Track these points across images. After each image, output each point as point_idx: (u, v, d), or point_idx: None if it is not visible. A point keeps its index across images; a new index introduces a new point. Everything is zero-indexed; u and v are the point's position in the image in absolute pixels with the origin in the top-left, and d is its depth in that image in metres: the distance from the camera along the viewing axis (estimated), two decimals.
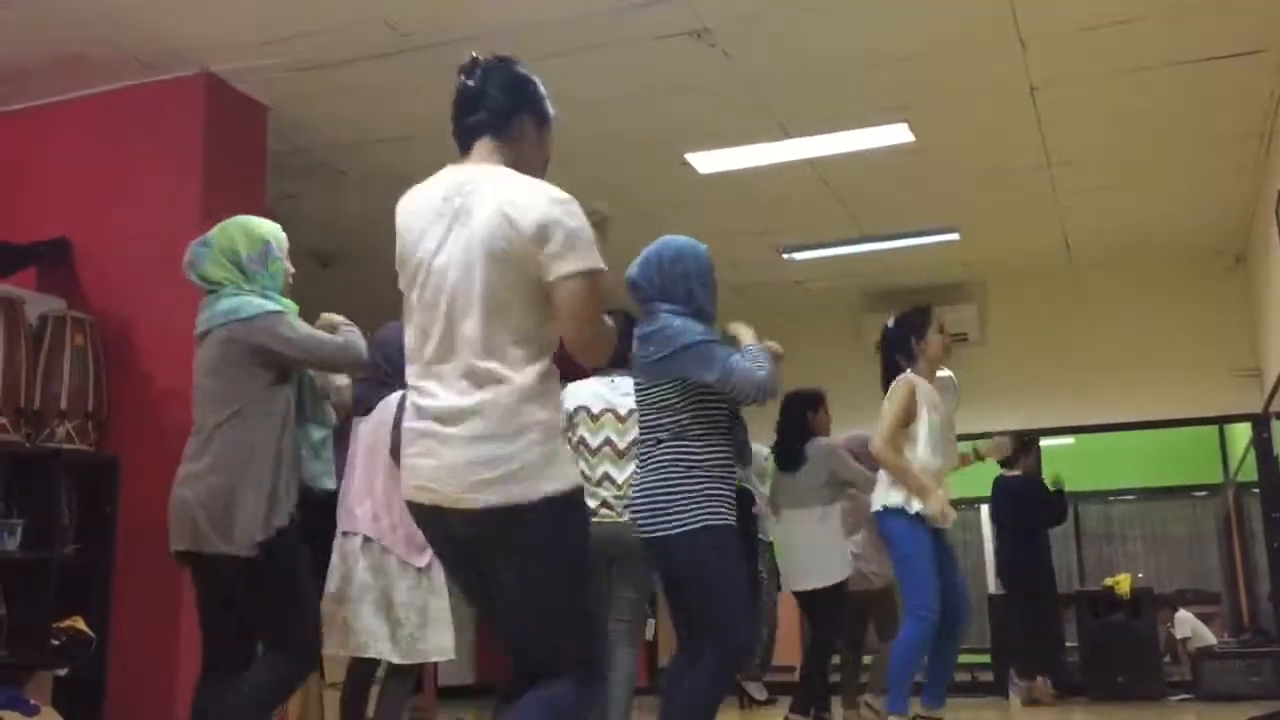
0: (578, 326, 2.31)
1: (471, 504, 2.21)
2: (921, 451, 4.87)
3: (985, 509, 8.92)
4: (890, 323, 5.21)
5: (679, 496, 3.40)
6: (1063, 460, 10.20)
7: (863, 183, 7.14)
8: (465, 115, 2.52)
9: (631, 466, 3.94)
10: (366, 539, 3.94)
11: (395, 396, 3.99)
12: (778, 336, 4.36)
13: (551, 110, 2.59)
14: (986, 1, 5.06)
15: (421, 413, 2.31)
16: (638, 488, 3.52)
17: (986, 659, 8.97)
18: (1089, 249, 8.50)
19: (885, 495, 4.92)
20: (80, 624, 4.79)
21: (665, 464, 3.45)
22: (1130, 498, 12.11)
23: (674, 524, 3.38)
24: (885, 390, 5.10)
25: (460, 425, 2.24)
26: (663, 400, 3.51)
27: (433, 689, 6.97)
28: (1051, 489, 8.26)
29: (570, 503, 2.27)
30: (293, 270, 3.61)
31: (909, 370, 5.02)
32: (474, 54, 2.56)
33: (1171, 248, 8.51)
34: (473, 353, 2.27)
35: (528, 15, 5.04)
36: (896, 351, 5.10)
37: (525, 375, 2.26)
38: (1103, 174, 7.10)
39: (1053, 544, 8.85)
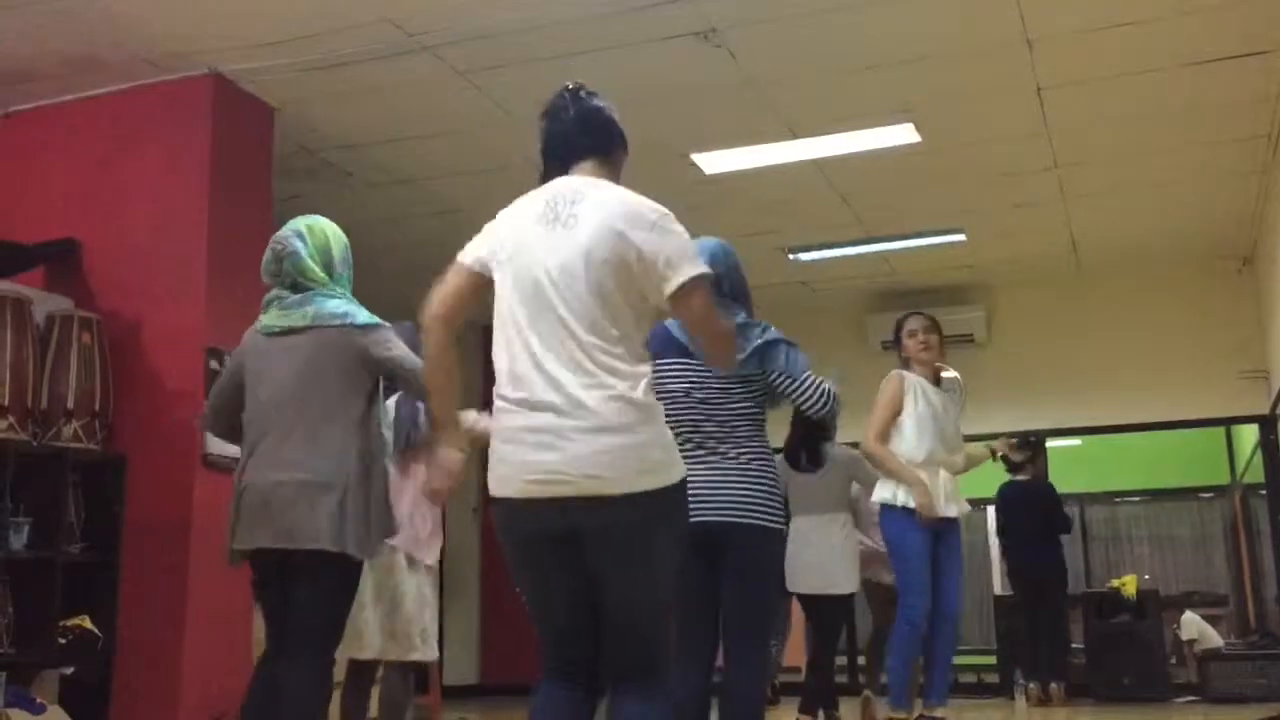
0: (710, 328, 2.52)
1: (614, 489, 2.29)
2: (908, 443, 4.96)
3: (991, 510, 8.89)
4: None
5: (771, 492, 3.37)
6: (1069, 462, 10.20)
7: (868, 183, 7.13)
8: (580, 135, 2.63)
9: None
10: None
11: (393, 399, 4.00)
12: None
13: None
14: (993, 2, 5.06)
15: (532, 406, 2.35)
16: (737, 472, 3.37)
17: (992, 660, 8.96)
18: (1096, 250, 8.49)
19: (878, 491, 5.04)
20: (86, 622, 4.81)
21: (757, 455, 3.38)
22: (1137, 499, 12.08)
23: (765, 518, 3.33)
24: None
25: (586, 419, 2.31)
26: (753, 391, 3.42)
27: (438, 689, 6.98)
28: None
29: (684, 490, 2.43)
30: None
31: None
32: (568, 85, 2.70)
33: (1179, 249, 8.49)
34: (586, 352, 2.35)
35: (534, 16, 5.05)
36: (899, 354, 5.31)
37: (638, 370, 2.38)
38: (1110, 175, 7.09)
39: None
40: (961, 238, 8.10)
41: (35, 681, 4.65)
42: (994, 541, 11.05)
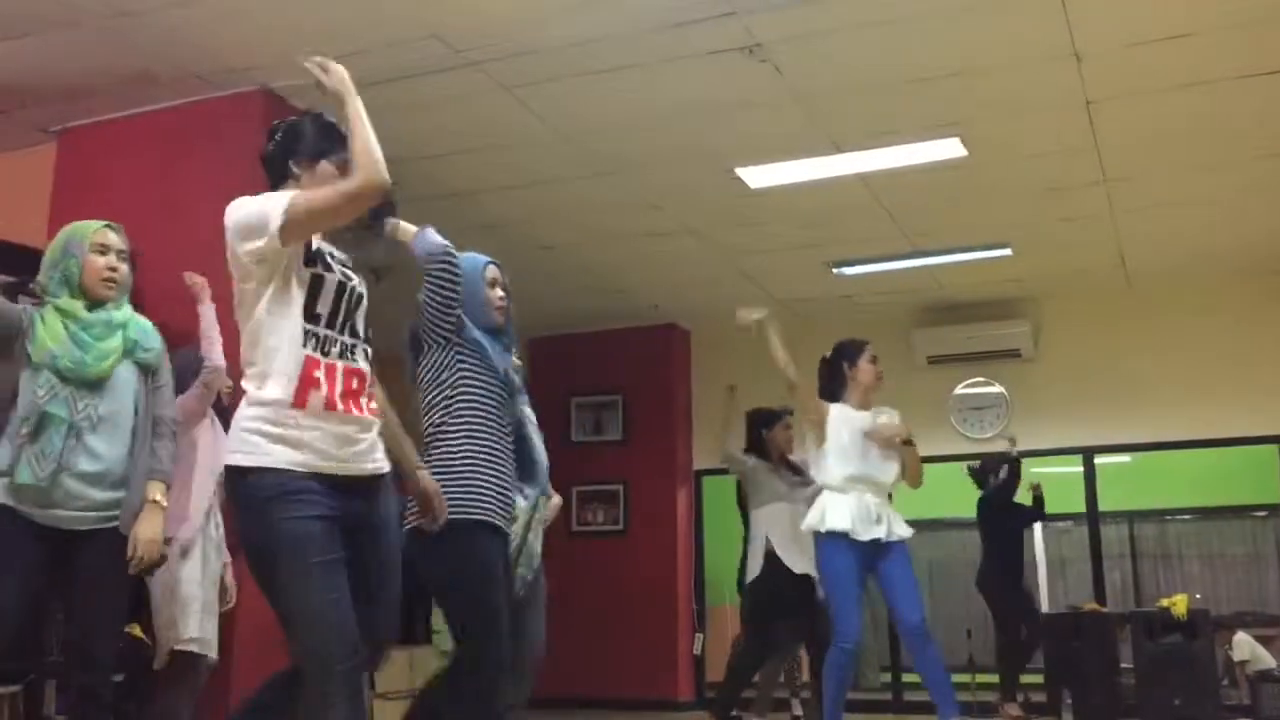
0: None
1: None
2: (828, 472, 5.09)
3: (1039, 529, 8.80)
4: (829, 353, 5.43)
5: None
6: (1118, 479, 10.07)
7: (914, 197, 7.11)
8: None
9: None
10: None
11: None
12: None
13: None
14: (1041, 15, 5.03)
15: None
16: None
17: (1039, 679, 8.85)
18: (1145, 265, 8.40)
19: (808, 518, 5.17)
20: (136, 630, 4.87)
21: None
22: (1187, 517, 11.91)
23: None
24: None
25: None
26: (436, 377, 3.75)
27: None
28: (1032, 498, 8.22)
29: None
30: (111, 266, 3.67)
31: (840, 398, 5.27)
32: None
33: (1229, 264, 8.39)
34: None
35: (580, 32, 5.09)
36: (831, 379, 5.34)
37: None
38: (1159, 190, 7.02)
39: (1107, 562, 8.69)
40: (1008, 252, 8.04)
41: None
42: (1041, 560, 10.96)
